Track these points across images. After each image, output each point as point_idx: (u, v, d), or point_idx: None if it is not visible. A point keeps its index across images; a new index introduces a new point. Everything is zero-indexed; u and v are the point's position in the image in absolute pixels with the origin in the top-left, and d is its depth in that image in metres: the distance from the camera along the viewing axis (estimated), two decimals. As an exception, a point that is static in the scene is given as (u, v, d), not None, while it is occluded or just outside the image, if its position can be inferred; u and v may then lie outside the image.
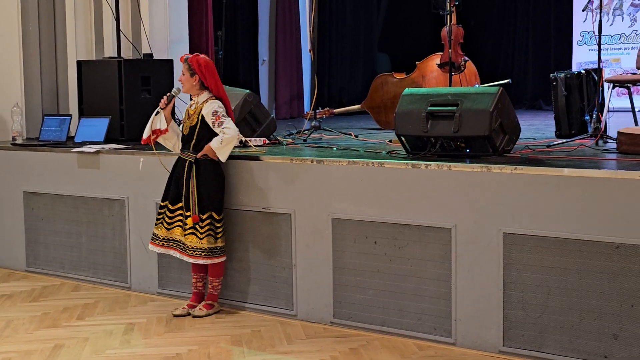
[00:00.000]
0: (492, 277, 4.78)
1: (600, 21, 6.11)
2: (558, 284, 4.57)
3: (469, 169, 4.85)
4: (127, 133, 6.90)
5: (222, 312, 5.71)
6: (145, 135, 5.59)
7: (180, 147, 5.63)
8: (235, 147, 5.58)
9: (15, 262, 7.04)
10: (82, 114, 7.16)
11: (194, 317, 5.60)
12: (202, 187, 5.49)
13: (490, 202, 4.77)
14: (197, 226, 5.47)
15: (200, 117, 5.46)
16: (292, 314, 5.56)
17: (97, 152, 6.45)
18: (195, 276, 5.71)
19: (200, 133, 5.50)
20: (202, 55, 5.55)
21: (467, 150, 5.25)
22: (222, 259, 5.60)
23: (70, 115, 7.27)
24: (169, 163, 5.68)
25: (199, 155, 5.48)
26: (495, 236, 4.74)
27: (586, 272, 4.48)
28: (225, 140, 5.40)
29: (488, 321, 4.82)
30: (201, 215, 5.47)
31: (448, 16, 6.75)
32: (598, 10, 6.24)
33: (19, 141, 7.19)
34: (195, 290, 5.75)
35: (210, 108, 5.45)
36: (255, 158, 5.67)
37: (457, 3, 7.00)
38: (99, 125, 6.82)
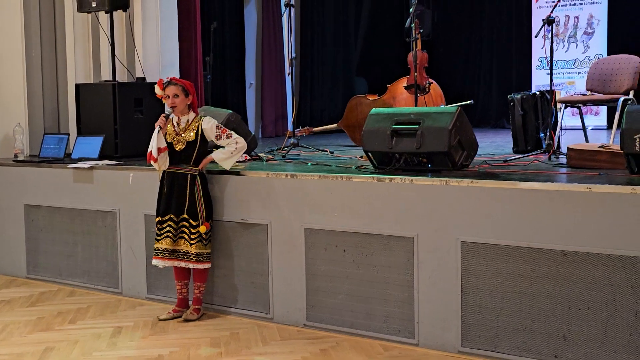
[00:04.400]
0: (451, 283, 4.65)
1: (551, 47, 6.03)
2: (511, 288, 4.45)
3: (429, 182, 4.74)
4: (121, 150, 6.78)
5: (204, 315, 5.56)
6: (155, 153, 5.30)
7: (168, 163, 5.44)
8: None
9: (17, 269, 6.88)
10: (79, 132, 7.02)
11: (187, 320, 5.44)
12: (205, 197, 5.38)
13: (449, 213, 4.65)
14: (203, 234, 5.33)
15: (200, 133, 5.32)
16: (269, 317, 5.41)
17: (91, 167, 6.30)
18: (179, 283, 5.55)
19: (201, 148, 5.37)
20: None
21: (429, 165, 5.13)
22: (210, 264, 5.49)
23: (68, 134, 7.13)
24: (152, 178, 5.54)
25: (201, 167, 5.37)
26: (453, 244, 4.62)
27: (537, 277, 4.36)
28: (238, 149, 5.34)
29: (448, 323, 4.68)
30: (211, 222, 5.39)
31: (414, 42, 6.66)
32: (549, 38, 6.16)
33: (21, 158, 7.07)
34: (180, 297, 5.59)
35: (211, 123, 5.35)
36: (236, 173, 5.54)
37: (421, 31, 6.90)
38: (94, 143, 6.69)
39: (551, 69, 6.00)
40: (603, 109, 11.00)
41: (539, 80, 11.61)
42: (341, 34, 12.80)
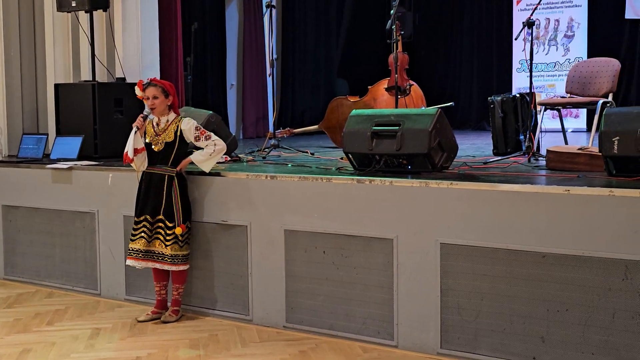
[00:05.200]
0: (430, 284, 4.64)
1: (531, 50, 6.05)
2: (490, 290, 4.44)
3: (409, 184, 4.72)
4: (100, 151, 6.72)
5: (183, 317, 5.51)
6: (130, 154, 5.25)
7: (146, 164, 5.40)
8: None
9: (-5, 270, 6.81)
10: (59, 133, 6.96)
11: (165, 322, 5.39)
12: (182, 198, 5.33)
13: (429, 214, 4.64)
14: (179, 236, 5.28)
15: (179, 134, 5.28)
16: (248, 318, 5.38)
17: (70, 168, 6.24)
18: (158, 285, 5.50)
19: (179, 148, 5.32)
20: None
21: (409, 167, 5.11)
22: (189, 265, 5.44)
23: (47, 134, 7.07)
24: (132, 179, 5.49)
25: (179, 168, 5.31)
26: (433, 246, 4.61)
27: (516, 279, 4.36)
28: (217, 150, 5.28)
29: (427, 325, 4.67)
30: (188, 224, 5.34)
31: (394, 44, 6.65)
32: (530, 41, 6.19)
33: (-1, 158, 6.99)
34: (159, 298, 5.53)
35: (191, 124, 5.30)
36: (216, 174, 5.50)
37: (402, 33, 6.90)
38: (73, 144, 6.62)
39: (531, 71, 6.02)
40: (583, 112, 11.06)
41: (519, 83, 11.66)
42: (322, 36, 12.79)
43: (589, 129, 10.71)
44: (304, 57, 12.55)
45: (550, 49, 11.62)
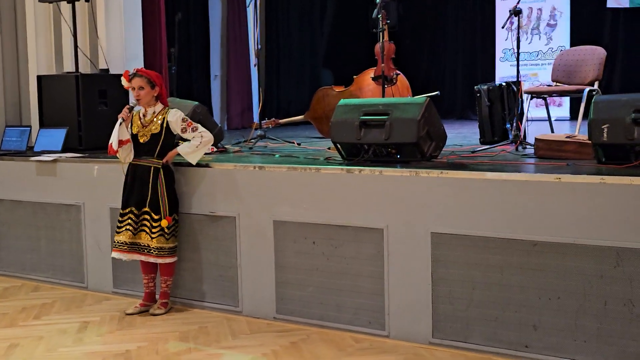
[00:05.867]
0: (421, 274, 4.60)
1: (518, 38, 6.01)
2: (482, 279, 4.41)
3: (399, 173, 4.68)
4: (85, 143, 6.63)
5: (172, 309, 5.45)
6: (115, 146, 5.15)
7: (132, 156, 5.32)
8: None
9: (-22, 265, 6.71)
10: (42, 125, 6.85)
11: (154, 315, 5.32)
12: (169, 190, 5.25)
13: (419, 204, 4.60)
14: (165, 228, 5.21)
15: (165, 126, 5.20)
16: (238, 310, 5.32)
17: (55, 160, 6.15)
18: (146, 277, 5.44)
19: (165, 140, 5.24)
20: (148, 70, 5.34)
21: (398, 156, 5.07)
22: (176, 257, 5.37)
23: (30, 127, 6.96)
24: (117, 171, 5.42)
25: (165, 160, 5.23)
26: (424, 236, 4.57)
27: (507, 267, 4.33)
28: (203, 142, 5.21)
29: (418, 314, 4.64)
30: (175, 216, 5.27)
31: (381, 33, 6.59)
32: (516, 30, 6.15)
33: (-18, 151, 6.87)
34: (147, 291, 5.47)
35: (177, 116, 5.22)
36: (204, 165, 5.43)
37: (388, 21, 6.84)
38: (57, 136, 6.53)
39: (518, 60, 5.99)
40: (566, 100, 11.08)
41: (502, 72, 11.67)
42: (307, 26, 12.72)
43: (572, 118, 10.76)
44: (288, 47, 12.47)
45: (533, 38, 11.62)
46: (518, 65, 6.01)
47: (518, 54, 5.94)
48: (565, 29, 11.44)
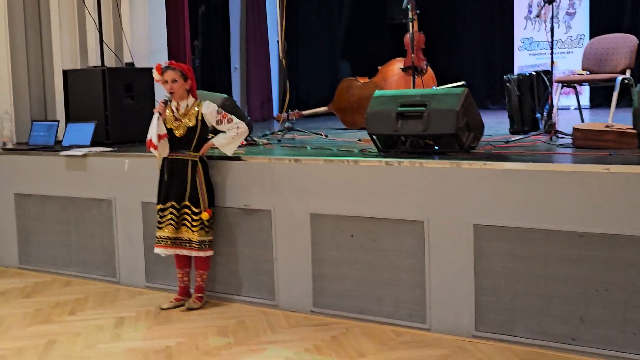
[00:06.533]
0: (463, 266, 4.53)
1: (552, 27, 5.92)
2: (526, 271, 4.33)
3: (439, 165, 4.60)
4: (112, 137, 6.56)
5: (207, 303, 5.39)
6: (155, 140, 5.06)
7: (168, 151, 5.24)
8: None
9: (9, 259, 6.65)
10: (68, 119, 6.79)
11: (190, 309, 5.26)
12: (207, 183, 5.21)
13: (461, 196, 4.52)
14: (205, 221, 5.15)
15: (200, 118, 5.13)
16: (274, 304, 5.27)
17: (85, 155, 6.08)
18: (181, 271, 5.38)
19: (201, 133, 5.18)
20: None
21: (436, 148, 5.00)
22: (213, 251, 5.33)
23: (58, 121, 6.88)
24: (148, 165, 5.35)
25: (202, 152, 5.17)
26: (465, 228, 4.49)
27: (552, 259, 4.25)
28: (240, 133, 5.16)
29: (461, 307, 4.57)
30: (213, 209, 5.20)
31: (411, 24, 6.50)
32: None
33: (9, 146, 6.82)
34: (182, 285, 5.41)
35: (212, 108, 5.16)
36: (237, 158, 5.36)
37: (418, 12, 6.75)
38: (85, 130, 6.46)
39: (552, 48, 5.88)
40: (586, 89, 10.95)
41: (521, 62, 11.52)
42: (325, 19, 12.61)
43: (592, 106, 10.65)
44: (307, 39, 12.36)
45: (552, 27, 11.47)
46: (552, 54, 5.89)
47: (552, 43, 5.84)
48: (585, 17, 11.29)
